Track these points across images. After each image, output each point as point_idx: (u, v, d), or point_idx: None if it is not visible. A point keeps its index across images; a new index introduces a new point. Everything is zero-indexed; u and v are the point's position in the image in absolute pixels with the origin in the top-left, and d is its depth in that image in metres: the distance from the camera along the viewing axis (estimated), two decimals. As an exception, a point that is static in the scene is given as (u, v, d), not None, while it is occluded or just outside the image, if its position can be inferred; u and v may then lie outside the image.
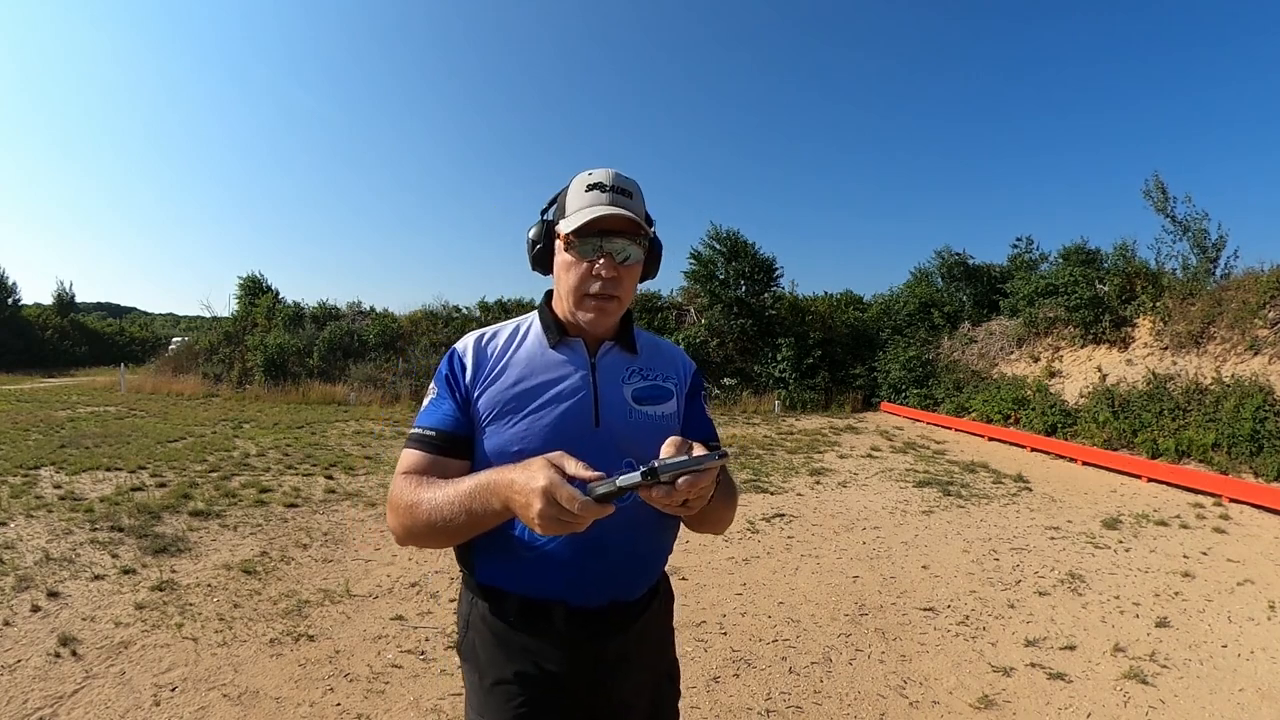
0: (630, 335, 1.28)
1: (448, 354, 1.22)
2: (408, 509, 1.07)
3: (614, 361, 1.23)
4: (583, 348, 1.22)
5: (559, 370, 1.19)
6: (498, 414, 1.15)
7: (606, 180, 1.16)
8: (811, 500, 6.95)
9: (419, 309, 20.13)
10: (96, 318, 44.54)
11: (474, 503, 1.00)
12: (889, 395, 16.55)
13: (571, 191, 1.18)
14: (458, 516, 1.02)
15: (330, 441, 9.97)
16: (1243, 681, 3.27)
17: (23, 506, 5.68)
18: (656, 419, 1.22)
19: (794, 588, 4.44)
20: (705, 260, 18.60)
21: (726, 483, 1.21)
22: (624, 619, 1.18)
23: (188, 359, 19.55)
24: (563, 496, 0.87)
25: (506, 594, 1.16)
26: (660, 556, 1.27)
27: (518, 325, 1.27)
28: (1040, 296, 14.56)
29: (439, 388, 1.20)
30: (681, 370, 1.33)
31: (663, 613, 1.31)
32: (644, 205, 1.22)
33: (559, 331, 1.22)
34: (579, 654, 1.16)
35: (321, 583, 4.27)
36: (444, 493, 1.04)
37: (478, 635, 1.19)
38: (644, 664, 1.25)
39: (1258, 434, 8.46)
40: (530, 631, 1.15)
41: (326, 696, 2.94)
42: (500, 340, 1.23)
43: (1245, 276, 11.34)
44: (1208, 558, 5.28)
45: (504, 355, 1.20)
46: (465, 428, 1.16)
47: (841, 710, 2.96)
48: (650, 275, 1.28)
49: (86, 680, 2.98)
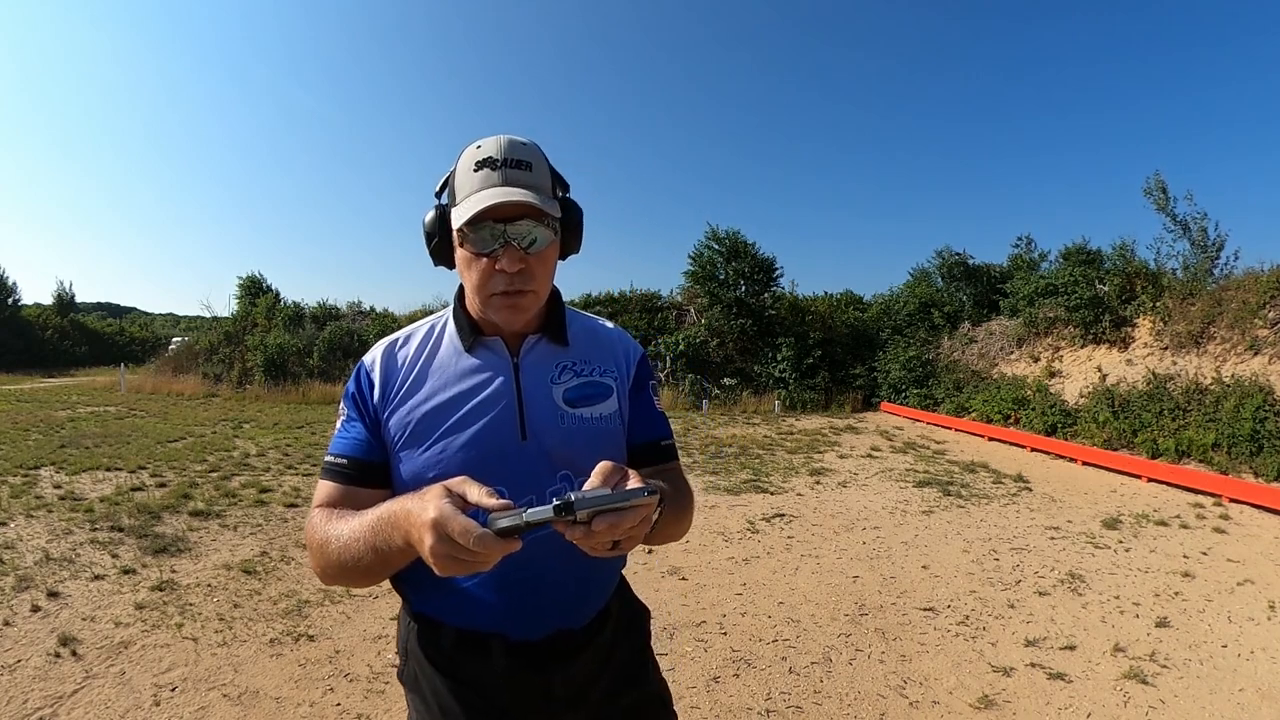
0: (559, 324, 1.11)
1: (355, 368, 1.10)
2: (319, 547, 0.96)
3: (540, 358, 1.09)
4: (502, 347, 1.07)
5: (475, 378, 1.05)
6: (409, 436, 1.02)
7: (497, 154, 0.97)
8: (811, 500, 6.95)
9: (419, 309, 20.14)
10: (96, 318, 44.53)
11: (377, 539, 0.87)
12: (889, 395, 16.55)
13: (460, 171, 1.00)
14: (365, 555, 0.89)
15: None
16: (1243, 681, 3.27)
17: (23, 506, 5.68)
18: (594, 422, 1.07)
19: (794, 588, 4.43)
20: (705, 260, 18.61)
21: (678, 491, 1.10)
22: (571, 648, 1.07)
23: (188, 359, 19.57)
24: (454, 530, 0.73)
25: (442, 625, 1.06)
26: (607, 578, 1.15)
27: (431, 326, 1.12)
28: (1040, 296, 14.56)
29: (348, 409, 1.07)
30: (623, 359, 1.16)
31: (624, 638, 1.17)
32: (548, 173, 1.03)
33: (473, 332, 1.07)
34: (523, 688, 1.05)
35: (321, 583, 4.26)
36: (349, 527, 0.92)
37: (418, 665, 1.09)
38: (607, 695, 1.12)
39: (1258, 434, 8.46)
40: (470, 664, 1.05)
41: (326, 696, 2.94)
42: (411, 348, 1.09)
43: (1245, 276, 11.34)
44: (1208, 558, 5.28)
45: (414, 366, 1.07)
46: (379, 453, 1.04)
47: (841, 710, 2.96)
48: (572, 250, 1.10)
49: (86, 680, 2.98)
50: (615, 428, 1.11)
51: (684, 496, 1.12)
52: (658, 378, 1.34)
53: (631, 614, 1.22)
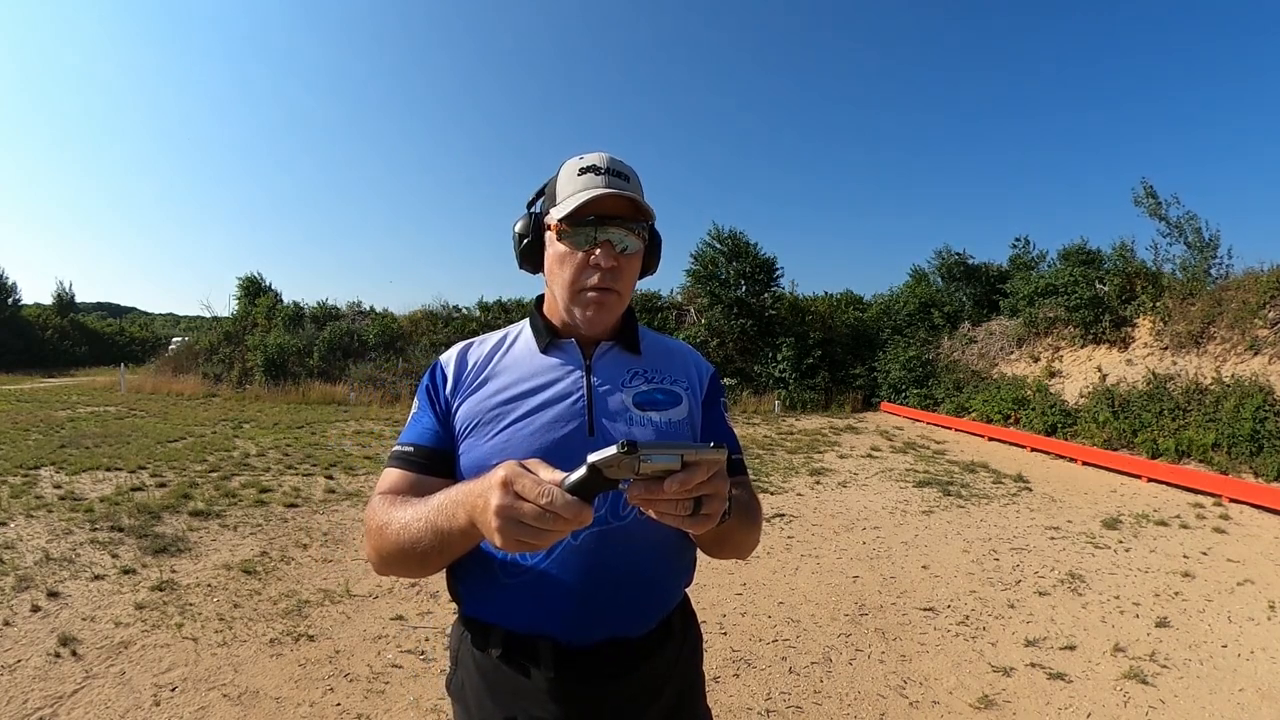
0: (633, 334, 1.14)
1: (431, 366, 1.13)
2: (378, 530, 0.96)
3: (613, 363, 1.10)
4: (576, 349, 1.09)
5: (548, 374, 1.07)
6: (477, 425, 1.03)
7: (601, 163, 1.04)
8: (811, 500, 6.95)
9: (419, 309, 20.14)
10: (96, 318, 44.54)
11: (440, 517, 0.87)
12: (889, 395, 16.55)
13: (562, 178, 1.06)
14: (424, 536, 0.89)
15: (330, 441, 9.97)
16: (1243, 681, 3.27)
17: (23, 506, 5.68)
18: (664, 426, 1.07)
19: (794, 588, 4.43)
20: (707, 260, 18.61)
21: (747, 501, 1.08)
22: (626, 660, 1.01)
23: (188, 359, 19.57)
24: (524, 486, 0.73)
25: (491, 628, 1.03)
26: (673, 583, 1.11)
27: (506, 333, 1.16)
28: (1040, 296, 14.56)
29: (420, 401, 1.10)
30: (695, 373, 1.18)
31: (685, 656, 1.12)
32: (642, 192, 1.09)
33: (550, 334, 1.10)
34: (572, 703, 0.99)
35: (321, 583, 4.27)
36: (412, 509, 0.92)
37: (466, 674, 1.06)
38: (660, 717, 1.06)
39: (1258, 434, 8.46)
40: (517, 672, 1.01)
41: (326, 696, 2.93)
42: (486, 348, 1.13)
43: (1245, 276, 11.34)
44: (1208, 558, 5.28)
45: (488, 363, 1.10)
46: (447, 443, 1.05)
47: (841, 710, 2.96)
48: (651, 270, 1.16)
49: (86, 680, 2.98)
50: (685, 434, 1.10)
51: (754, 507, 1.12)
52: (728, 396, 1.31)
53: (695, 633, 1.18)
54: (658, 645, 1.05)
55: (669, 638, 1.08)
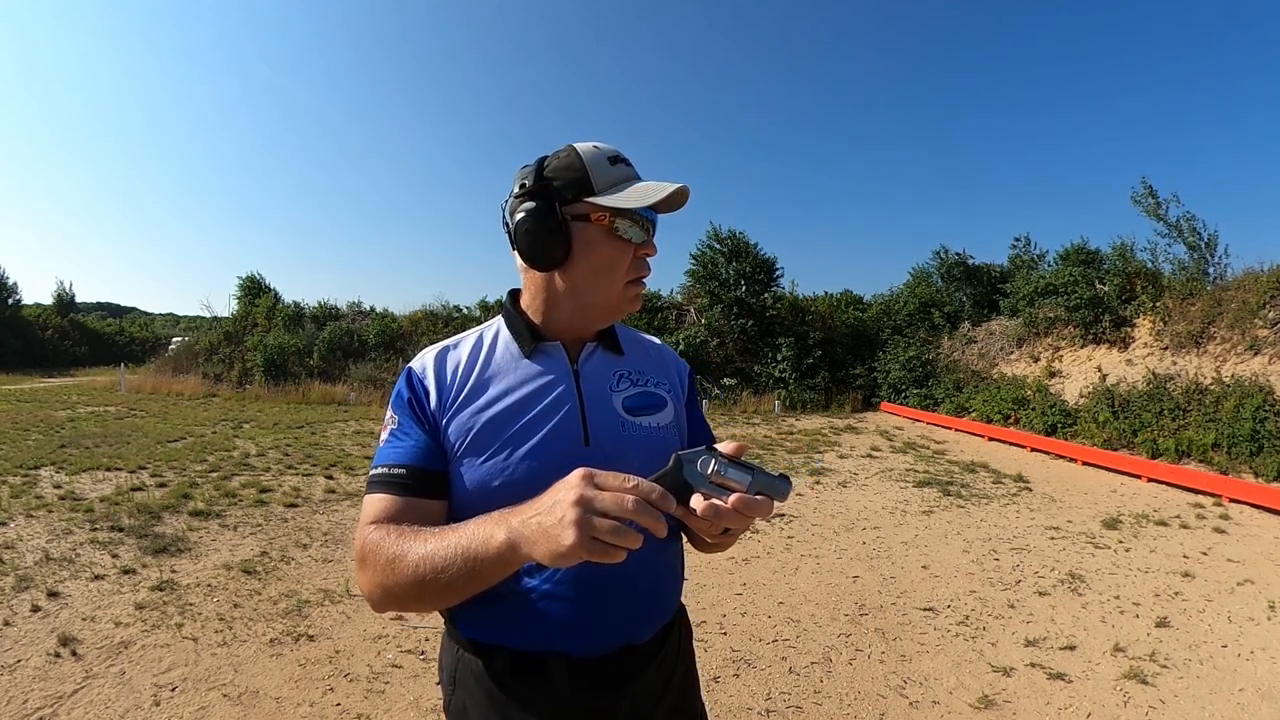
0: (612, 333, 1.12)
1: (404, 374, 1.03)
2: (387, 564, 0.86)
3: (599, 366, 1.07)
4: (562, 353, 1.05)
5: (537, 382, 1.01)
6: (470, 444, 0.96)
7: (623, 155, 1.03)
8: (811, 500, 6.95)
9: (419, 309, 20.15)
10: (96, 318, 44.57)
11: (473, 540, 0.80)
12: (889, 395, 16.55)
13: (594, 164, 1.00)
14: (453, 562, 0.81)
15: (330, 441, 9.97)
16: (1243, 681, 3.27)
17: (23, 506, 5.68)
18: (654, 431, 1.05)
19: (794, 588, 4.43)
20: (707, 260, 18.62)
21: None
22: (635, 666, 1.01)
23: (188, 359, 19.57)
24: (606, 477, 0.72)
25: (495, 649, 0.98)
26: (675, 587, 1.11)
27: (480, 335, 1.09)
28: (1040, 296, 14.57)
29: (401, 415, 0.99)
30: (676, 374, 1.18)
31: (683, 651, 1.14)
32: None
33: (533, 337, 1.05)
34: (586, 715, 0.98)
35: (321, 583, 4.27)
36: (435, 538, 0.84)
37: (468, 697, 1.00)
38: (669, 713, 1.07)
39: (1258, 434, 8.46)
40: (528, 690, 0.97)
41: (326, 696, 2.93)
42: (464, 353, 1.05)
43: (1245, 276, 11.35)
44: (1208, 558, 5.28)
45: (470, 372, 1.02)
46: (440, 462, 0.97)
47: (841, 710, 2.96)
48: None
49: (86, 680, 2.98)
50: (673, 438, 1.08)
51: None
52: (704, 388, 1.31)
53: (688, 626, 1.19)
54: (661, 645, 1.06)
55: (670, 635, 1.09)
